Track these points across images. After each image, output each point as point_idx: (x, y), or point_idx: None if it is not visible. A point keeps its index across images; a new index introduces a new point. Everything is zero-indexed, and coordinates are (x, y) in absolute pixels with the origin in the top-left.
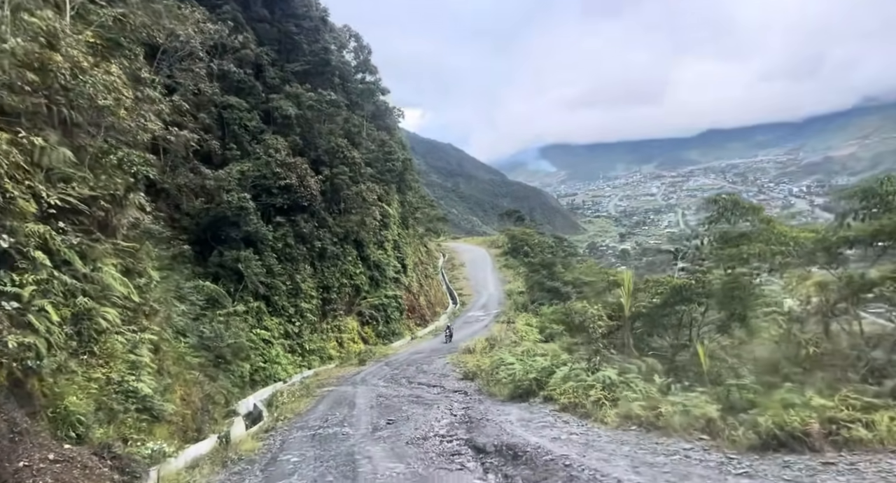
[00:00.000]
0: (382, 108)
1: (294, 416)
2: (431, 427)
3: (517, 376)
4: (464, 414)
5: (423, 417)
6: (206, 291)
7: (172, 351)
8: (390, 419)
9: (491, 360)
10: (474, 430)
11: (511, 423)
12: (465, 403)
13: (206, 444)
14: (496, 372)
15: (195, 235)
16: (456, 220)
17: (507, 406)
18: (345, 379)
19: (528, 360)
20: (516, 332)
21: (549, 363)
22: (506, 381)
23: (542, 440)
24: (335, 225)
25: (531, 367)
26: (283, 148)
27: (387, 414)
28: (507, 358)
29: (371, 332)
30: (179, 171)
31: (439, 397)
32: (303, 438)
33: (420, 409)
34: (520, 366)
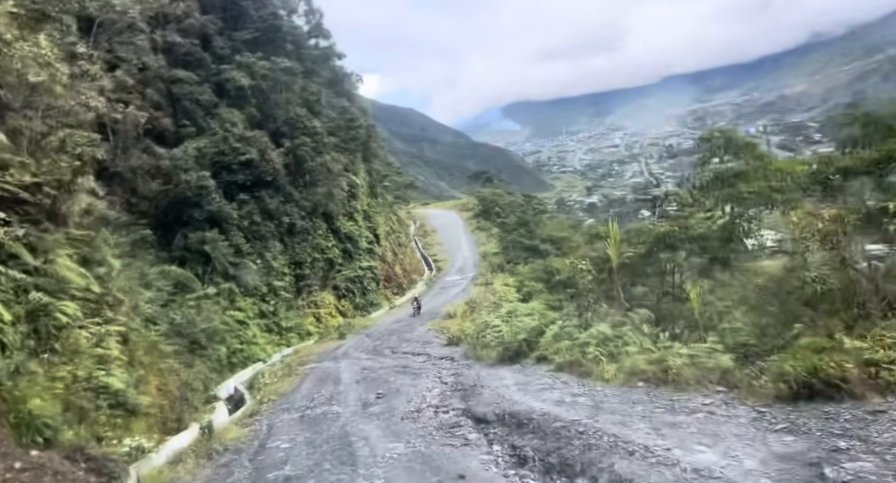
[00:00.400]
0: (340, 74)
1: (278, 398)
2: (423, 398)
3: (505, 338)
4: (455, 381)
5: (413, 388)
6: (173, 276)
7: (143, 341)
8: (379, 393)
9: (475, 323)
10: (470, 398)
11: (507, 387)
12: (454, 370)
13: (188, 435)
14: (482, 335)
15: (156, 219)
16: (424, 187)
17: (499, 370)
18: (326, 354)
19: (515, 320)
20: (495, 293)
21: (537, 322)
22: (494, 345)
23: (546, 405)
24: (302, 199)
25: (519, 328)
26: (239, 121)
27: (375, 387)
28: (493, 320)
29: (348, 305)
30: (132, 153)
31: (426, 365)
32: (290, 421)
33: (408, 380)
34: (506, 327)
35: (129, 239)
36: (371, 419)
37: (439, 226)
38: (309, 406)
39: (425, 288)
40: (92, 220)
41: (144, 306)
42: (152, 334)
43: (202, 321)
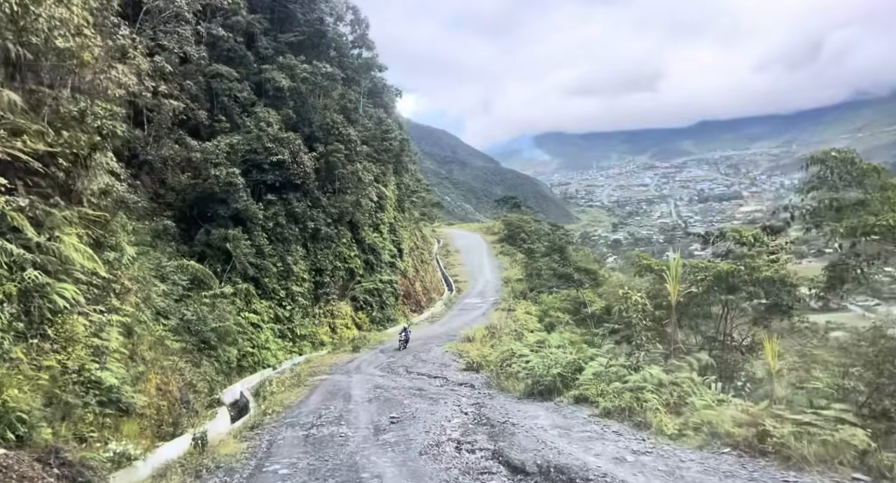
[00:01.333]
0: (380, 86)
1: (283, 410)
2: (443, 429)
3: (536, 371)
4: (477, 413)
5: (430, 416)
6: (191, 271)
7: (149, 335)
8: (393, 417)
9: (498, 350)
10: (500, 437)
11: (545, 430)
12: (476, 399)
13: (181, 444)
14: (507, 364)
15: (181, 212)
16: (449, 207)
17: (528, 405)
18: (338, 367)
19: (546, 352)
20: (517, 320)
21: (574, 357)
22: (522, 376)
23: (602, 462)
24: (329, 205)
25: (552, 361)
26: (275, 121)
27: (388, 409)
28: (520, 349)
29: (365, 318)
30: (164, 143)
31: (444, 391)
32: (293, 440)
33: (425, 405)
34: (536, 359)
35: (151, 228)
36: (384, 450)
37: (463, 247)
38: (315, 424)
39: (444, 308)
40: (110, 202)
41: (157, 299)
42: (160, 329)
43: (214, 320)
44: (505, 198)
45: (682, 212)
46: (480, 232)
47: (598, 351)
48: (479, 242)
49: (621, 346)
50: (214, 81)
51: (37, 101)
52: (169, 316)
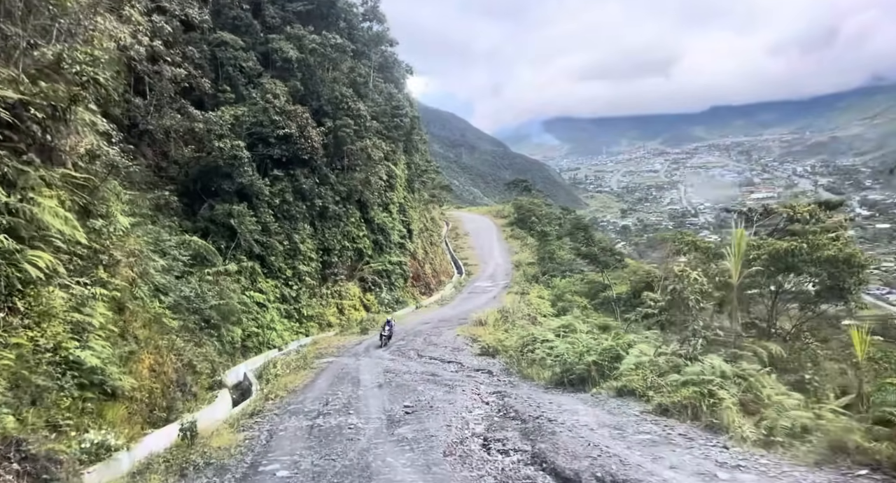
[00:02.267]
0: (390, 61)
1: (287, 395)
2: (465, 422)
3: (567, 358)
4: (501, 404)
5: (449, 406)
6: (193, 247)
7: (145, 311)
8: (407, 406)
9: (518, 335)
10: (537, 436)
11: (591, 429)
12: (496, 387)
13: (170, 434)
14: (528, 350)
15: (183, 186)
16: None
17: (559, 396)
18: (346, 349)
19: (574, 337)
20: (530, 304)
21: (611, 343)
22: (549, 363)
23: (685, 478)
24: (338, 183)
25: (585, 348)
26: (282, 94)
27: (400, 397)
28: (543, 334)
29: (373, 300)
30: (165, 112)
31: (459, 377)
32: (297, 431)
33: (440, 392)
34: (564, 345)
35: (152, 202)
36: (401, 449)
37: (472, 230)
38: (321, 412)
39: (454, 291)
40: (99, 167)
41: (156, 275)
42: (158, 306)
43: (213, 297)
44: (515, 181)
45: (692, 198)
46: (490, 215)
47: (636, 337)
48: (488, 226)
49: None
50: (219, 50)
51: (12, 47)
52: (168, 293)
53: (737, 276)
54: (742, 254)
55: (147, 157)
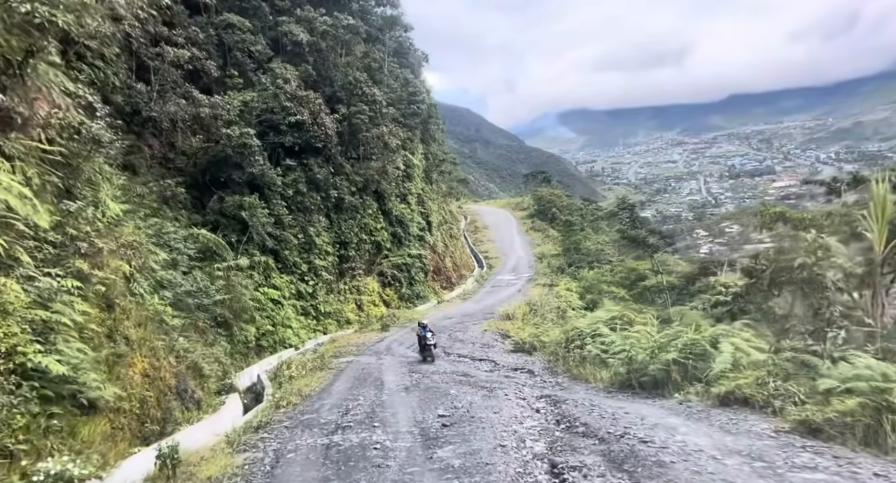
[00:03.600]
0: (405, 46)
1: (301, 401)
2: (519, 439)
3: (634, 355)
4: (558, 412)
5: (493, 414)
6: (203, 241)
7: (141, 309)
8: (443, 415)
9: (560, 328)
10: (635, 467)
11: (716, 459)
12: (543, 390)
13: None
14: (575, 346)
15: (192, 178)
16: (473, 187)
17: (633, 404)
18: (366, 347)
19: (635, 331)
20: (559, 296)
21: (695, 337)
22: (610, 361)
23: None
24: (353, 173)
25: (656, 343)
26: (293, 78)
27: (432, 402)
28: (595, 327)
29: (393, 295)
30: (169, 98)
31: (496, 377)
32: (309, 453)
33: (478, 397)
34: (623, 339)
35: (158, 193)
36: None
37: (491, 223)
38: (340, 424)
39: (476, 285)
40: (81, 143)
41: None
42: (156, 302)
43: (219, 292)
44: (534, 172)
45: (711, 188)
46: (509, 208)
47: (726, 328)
48: (507, 218)
49: (749, 324)
50: (226, 33)
51: None
52: (170, 289)
53: (881, 247)
54: (887, 217)
55: (153, 147)
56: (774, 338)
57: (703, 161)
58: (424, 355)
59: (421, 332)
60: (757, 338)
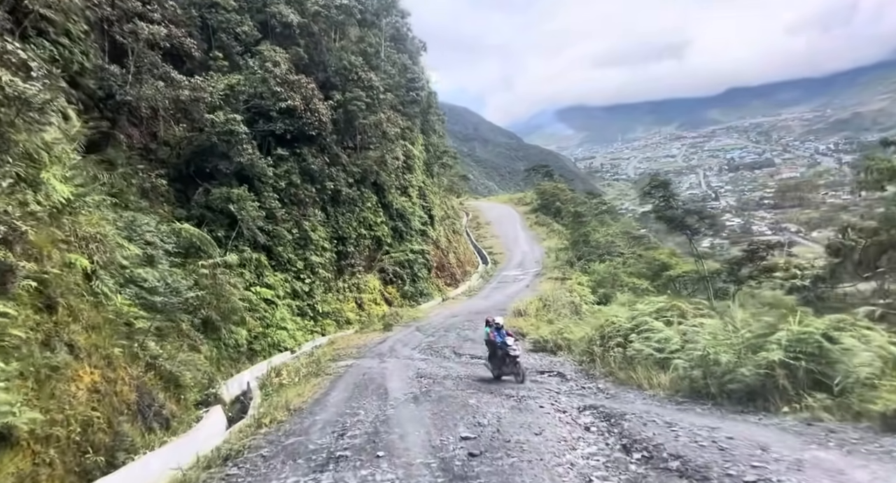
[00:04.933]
0: (403, 32)
1: (289, 417)
2: (584, 479)
3: (715, 355)
4: (617, 432)
5: (533, 436)
6: (186, 236)
7: (96, 310)
8: (467, 438)
9: (591, 323)
10: None
11: None
12: (583, 398)
13: None
14: (615, 344)
15: (175, 170)
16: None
17: (731, 422)
18: (367, 348)
19: (700, 324)
20: (572, 291)
21: (806, 329)
22: (676, 362)
23: None
24: (350, 163)
25: (749, 339)
26: (283, 61)
27: (449, 417)
28: (641, 320)
29: (395, 293)
30: (145, 80)
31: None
32: None
33: (504, 409)
34: (680, 334)
35: (136, 185)
36: None
37: (493, 218)
38: (333, 452)
39: (481, 281)
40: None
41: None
42: (119, 300)
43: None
44: (536, 167)
45: (711, 182)
46: (511, 203)
47: (840, 319)
48: (510, 213)
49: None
50: (209, 13)
51: None
52: (141, 285)
53: None
54: None
55: (133, 137)
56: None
57: (702, 155)
58: (504, 371)
59: (494, 337)
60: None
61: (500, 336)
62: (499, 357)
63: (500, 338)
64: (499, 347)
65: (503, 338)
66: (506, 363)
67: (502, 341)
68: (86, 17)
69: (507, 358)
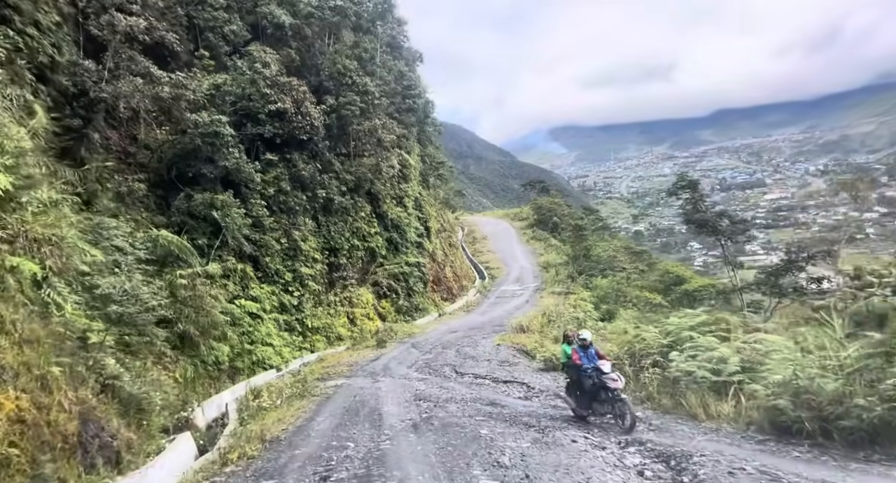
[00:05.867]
0: (399, 39)
1: (262, 450)
2: None
3: (812, 383)
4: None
5: None
6: (164, 243)
7: (39, 322)
8: None
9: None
10: None
11: None
12: (637, 439)
13: None
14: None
15: (157, 175)
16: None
17: (849, 475)
18: (359, 367)
19: (755, 343)
20: (576, 306)
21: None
22: (761, 390)
23: None
24: (343, 171)
25: (857, 361)
26: (273, 62)
27: (460, 455)
28: (681, 335)
29: (389, 307)
30: (122, 76)
31: (538, 407)
32: None
33: (526, 442)
34: (735, 353)
35: (112, 190)
36: None
37: (490, 233)
38: None
39: (479, 296)
40: None
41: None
42: (69, 309)
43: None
44: (532, 182)
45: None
46: (507, 218)
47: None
48: (506, 228)
49: None
50: (196, 11)
51: None
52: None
53: None
54: None
55: (111, 140)
56: None
57: (694, 174)
58: (597, 409)
59: (580, 359)
60: None
61: (590, 358)
62: (588, 389)
63: (588, 361)
64: (588, 374)
65: (594, 361)
66: (600, 399)
67: (594, 366)
68: (58, 8)
69: (604, 391)
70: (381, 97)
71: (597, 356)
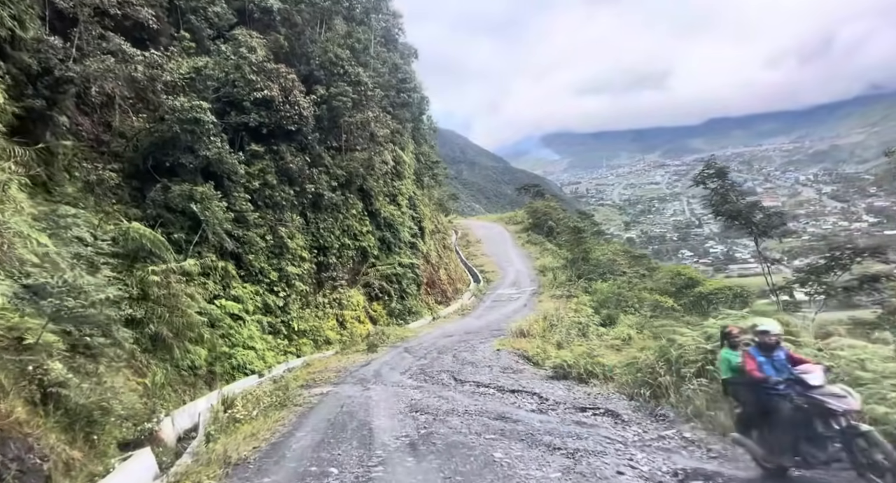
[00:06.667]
0: (394, 33)
1: (225, 477)
2: None
3: None
4: None
5: None
6: (135, 236)
7: None
8: None
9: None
10: None
11: None
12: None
13: None
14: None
15: (132, 165)
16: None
17: None
18: (348, 372)
19: (836, 348)
20: (577, 310)
21: None
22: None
23: None
24: (334, 165)
25: None
26: (259, 47)
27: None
28: None
29: (381, 310)
30: (91, 53)
31: (557, 423)
32: None
33: (555, 471)
34: None
35: (80, 178)
36: None
37: (484, 237)
38: None
39: (475, 299)
40: None
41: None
42: (2, 303)
43: (98, 290)
44: (526, 186)
45: (695, 209)
46: (501, 222)
47: None
48: (500, 232)
49: None
50: None
51: None
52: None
53: None
54: None
55: (83, 126)
56: None
57: (686, 182)
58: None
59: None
60: None
61: (779, 366)
62: (787, 419)
63: (777, 371)
64: (783, 393)
65: (787, 370)
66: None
67: (792, 377)
68: None
69: (821, 420)
70: (374, 89)
71: (790, 361)
